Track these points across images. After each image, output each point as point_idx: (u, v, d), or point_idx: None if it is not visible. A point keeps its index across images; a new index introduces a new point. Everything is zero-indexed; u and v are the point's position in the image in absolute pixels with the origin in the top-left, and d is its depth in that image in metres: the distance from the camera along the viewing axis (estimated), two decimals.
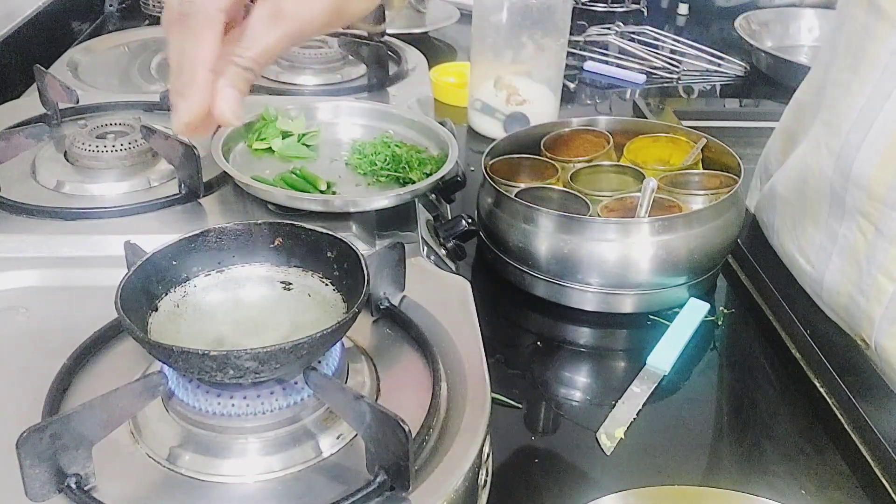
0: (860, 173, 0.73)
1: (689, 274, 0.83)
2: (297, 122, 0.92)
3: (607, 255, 0.81)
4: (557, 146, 0.97)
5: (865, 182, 0.72)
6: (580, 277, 0.82)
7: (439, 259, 0.81)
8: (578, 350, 0.84)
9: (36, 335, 0.65)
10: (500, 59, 1.16)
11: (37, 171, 0.85)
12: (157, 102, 0.98)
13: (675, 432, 0.72)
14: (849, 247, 0.77)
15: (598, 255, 0.81)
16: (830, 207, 0.78)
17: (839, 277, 0.79)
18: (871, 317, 0.75)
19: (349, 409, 0.51)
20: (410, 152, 0.87)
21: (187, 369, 0.52)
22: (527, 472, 0.66)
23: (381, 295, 0.66)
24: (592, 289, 0.83)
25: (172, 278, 0.60)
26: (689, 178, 0.90)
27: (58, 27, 1.40)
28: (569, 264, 0.81)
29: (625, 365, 0.80)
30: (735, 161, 0.89)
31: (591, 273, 0.82)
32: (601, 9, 1.82)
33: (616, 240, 0.80)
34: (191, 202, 0.81)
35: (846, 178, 0.74)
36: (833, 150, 0.76)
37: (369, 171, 0.86)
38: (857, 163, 0.73)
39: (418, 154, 0.87)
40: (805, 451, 0.70)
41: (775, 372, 0.79)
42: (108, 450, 0.52)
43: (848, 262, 0.77)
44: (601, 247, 0.81)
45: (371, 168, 0.85)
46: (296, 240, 0.62)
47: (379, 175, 0.85)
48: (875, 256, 0.74)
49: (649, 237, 0.80)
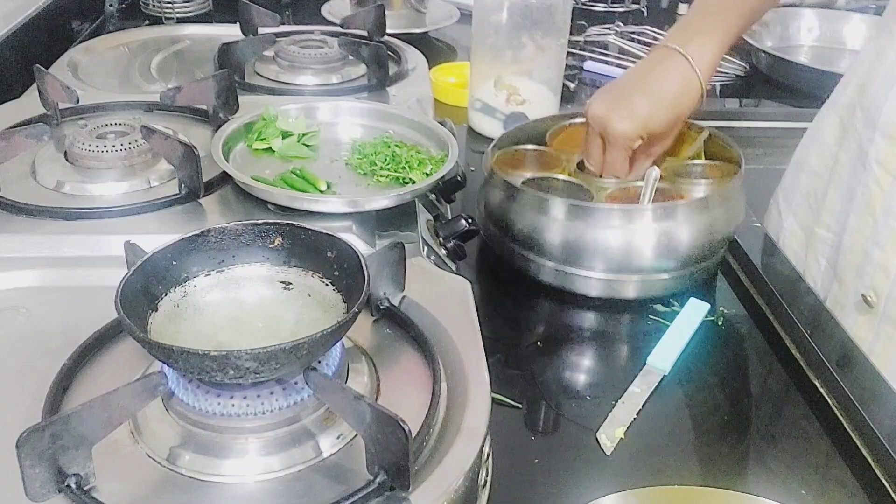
0: (886, 120, 0.78)
1: (690, 261, 0.84)
2: (298, 122, 0.92)
3: (612, 242, 0.82)
4: (562, 139, 0.99)
5: (890, 129, 0.78)
6: (585, 264, 0.84)
7: (439, 259, 0.81)
8: (582, 338, 0.85)
9: (36, 335, 0.65)
10: (500, 59, 1.16)
11: (37, 171, 0.85)
12: (157, 102, 0.98)
13: (675, 432, 0.72)
14: (866, 203, 0.81)
15: (603, 242, 0.82)
16: (853, 165, 0.83)
17: (855, 236, 0.83)
18: (887, 267, 0.77)
19: (349, 409, 0.51)
20: (410, 152, 0.87)
21: (187, 369, 0.52)
22: (527, 472, 0.66)
23: (381, 295, 0.66)
24: (597, 275, 0.84)
25: (172, 278, 0.60)
26: (692, 168, 0.93)
27: (58, 27, 1.40)
28: (574, 251, 0.83)
29: (625, 365, 0.80)
30: (736, 153, 0.91)
31: (596, 259, 0.83)
32: (601, 9, 1.82)
33: (620, 227, 0.82)
34: (191, 202, 0.81)
35: (874, 128, 0.79)
36: (864, 106, 0.81)
37: (369, 171, 0.85)
38: (883, 112, 0.78)
39: (418, 154, 0.87)
40: (805, 451, 0.70)
41: (775, 372, 0.79)
42: (108, 450, 0.52)
43: (864, 219, 0.82)
44: (606, 233, 0.82)
45: (371, 168, 0.85)
46: (296, 240, 0.62)
47: (379, 175, 0.85)
48: (891, 206, 0.78)
49: (652, 224, 0.82)
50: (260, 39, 1.21)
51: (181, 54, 1.32)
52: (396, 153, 0.86)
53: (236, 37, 1.22)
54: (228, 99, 0.95)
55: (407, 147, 0.88)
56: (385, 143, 0.88)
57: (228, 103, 0.95)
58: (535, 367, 0.79)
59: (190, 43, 1.36)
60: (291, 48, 1.17)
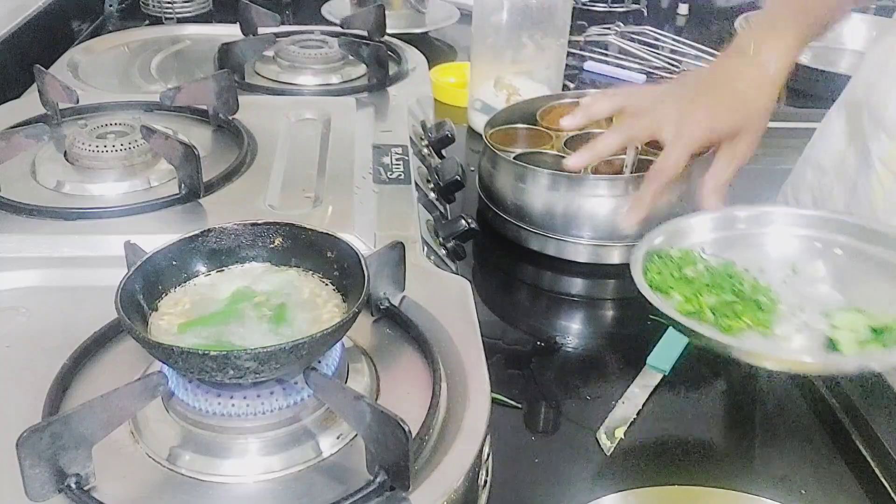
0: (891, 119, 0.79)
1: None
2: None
3: (598, 210, 0.88)
4: (552, 117, 1.03)
5: (893, 128, 0.79)
6: (573, 231, 0.90)
7: (439, 259, 0.81)
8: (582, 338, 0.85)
9: (36, 335, 0.65)
10: (500, 59, 1.17)
11: (37, 171, 0.85)
12: (157, 102, 0.98)
13: (675, 432, 0.72)
14: (868, 200, 0.82)
15: (589, 210, 0.89)
16: (858, 163, 0.84)
17: None
18: None
19: (349, 409, 0.51)
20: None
21: (187, 369, 0.52)
22: (527, 472, 0.66)
23: (381, 295, 0.66)
24: (584, 241, 0.90)
25: (172, 278, 0.60)
26: None
27: (58, 27, 1.40)
28: (563, 219, 0.90)
29: (625, 365, 0.80)
30: None
31: (583, 227, 0.89)
32: (601, 9, 1.82)
33: (605, 195, 0.88)
34: (191, 202, 0.81)
35: (878, 126, 0.81)
36: (871, 105, 0.83)
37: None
38: (888, 111, 0.80)
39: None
40: (805, 451, 0.70)
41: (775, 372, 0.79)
42: (108, 450, 0.52)
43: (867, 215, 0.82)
44: (591, 202, 0.88)
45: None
46: (296, 240, 0.62)
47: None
48: (892, 203, 0.79)
49: (635, 192, 0.86)
50: (260, 39, 1.21)
51: (181, 54, 1.32)
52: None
53: (236, 37, 1.22)
54: (228, 99, 0.95)
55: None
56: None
57: (228, 103, 0.95)
58: (535, 367, 0.79)
59: (190, 43, 1.36)
60: (291, 48, 1.17)
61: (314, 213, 0.79)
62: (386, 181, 0.88)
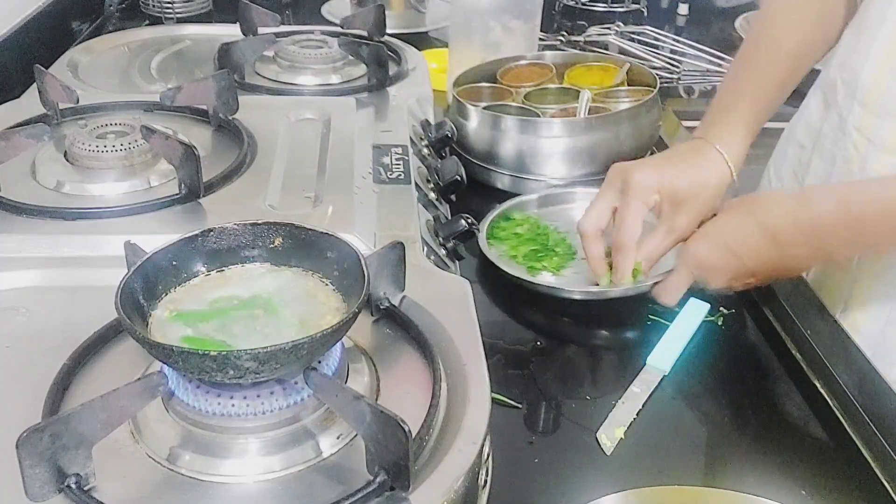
0: (863, 90, 0.84)
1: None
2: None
3: (555, 150, 1.03)
4: (511, 76, 1.20)
5: (866, 97, 0.83)
6: (535, 171, 1.05)
7: (439, 259, 0.81)
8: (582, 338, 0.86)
9: (36, 335, 0.65)
10: (475, 44, 1.25)
11: (37, 171, 0.85)
12: (157, 102, 0.98)
13: (675, 432, 0.72)
14: (845, 166, 0.86)
15: (548, 150, 1.04)
16: (835, 134, 0.88)
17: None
18: None
19: (349, 409, 0.51)
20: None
21: (187, 369, 0.52)
22: (527, 472, 0.66)
23: (381, 295, 0.66)
24: (547, 179, 1.05)
25: (172, 278, 0.60)
26: (618, 93, 1.16)
27: (58, 27, 1.40)
28: (526, 160, 1.05)
29: (625, 365, 0.80)
30: (653, 78, 1.15)
31: (545, 166, 1.04)
32: (601, 9, 1.82)
33: (562, 136, 1.03)
34: (191, 202, 0.81)
35: (853, 98, 0.85)
36: (845, 80, 0.87)
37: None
38: (860, 81, 0.84)
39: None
40: (805, 451, 0.70)
41: (775, 372, 0.79)
42: (108, 450, 0.52)
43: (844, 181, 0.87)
44: (550, 143, 1.03)
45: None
46: (296, 240, 0.62)
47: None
48: (867, 167, 0.83)
49: (586, 134, 1.03)
50: (260, 39, 1.21)
51: (181, 54, 1.32)
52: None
53: (236, 37, 1.22)
54: (228, 99, 0.95)
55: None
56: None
57: (228, 103, 0.95)
58: (535, 367, 0.79)
59: (190, 43, 1.36)
60: (291, 48, 1.17)
61: (314, 213, 0.79)
62: (386, 181, 0.88)
